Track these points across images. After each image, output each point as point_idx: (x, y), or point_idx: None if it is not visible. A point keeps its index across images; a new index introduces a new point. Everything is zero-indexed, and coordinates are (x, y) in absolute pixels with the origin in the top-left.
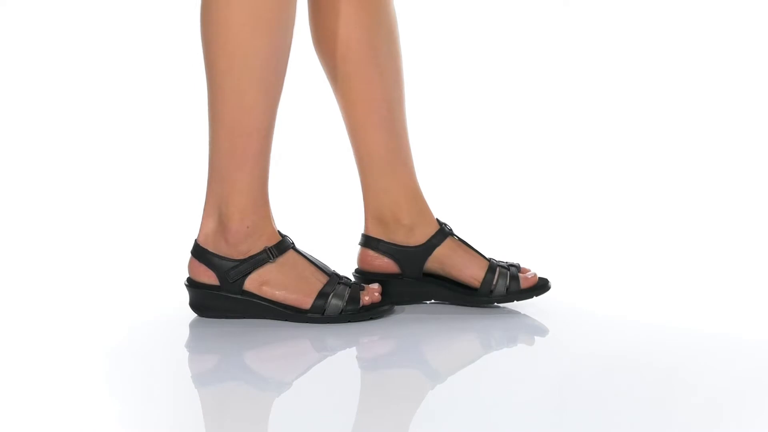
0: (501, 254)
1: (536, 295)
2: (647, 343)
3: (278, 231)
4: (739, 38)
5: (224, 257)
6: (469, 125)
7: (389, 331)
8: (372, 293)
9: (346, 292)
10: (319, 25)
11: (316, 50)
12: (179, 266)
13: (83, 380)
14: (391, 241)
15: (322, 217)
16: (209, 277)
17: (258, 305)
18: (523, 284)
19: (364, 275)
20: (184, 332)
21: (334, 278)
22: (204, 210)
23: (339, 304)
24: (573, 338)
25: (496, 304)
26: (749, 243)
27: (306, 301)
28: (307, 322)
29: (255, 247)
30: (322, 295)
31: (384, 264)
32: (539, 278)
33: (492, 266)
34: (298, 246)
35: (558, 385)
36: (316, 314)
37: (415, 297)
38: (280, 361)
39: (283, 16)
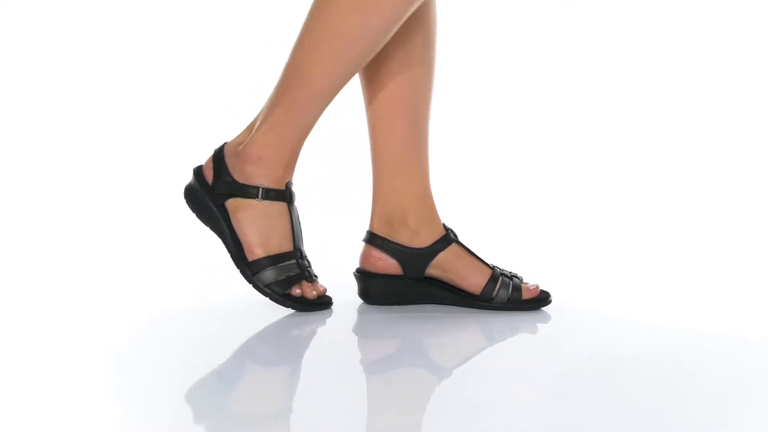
0: (501, 255)
1: (537, 308)
2: (647, 343)
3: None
4: (739, 38)
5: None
6: (468, 126)
7: (390, 330)
8: (315, 289)
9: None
10: None
11: None
12: (180, 265)
13: (88, 380)
14: (396, 241)
15: (322, 217)
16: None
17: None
18: (525, 295)
19: (366, 275)
20: (188, 331)
21: None
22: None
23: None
24: (573, 338)
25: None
26: (749, 243)
27: None
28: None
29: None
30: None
31: (386, 266)
32: (541, 291)
33: (494, 275)
34: None
35: (559, 385)
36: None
37: (415, 298)
38: (283, 366)
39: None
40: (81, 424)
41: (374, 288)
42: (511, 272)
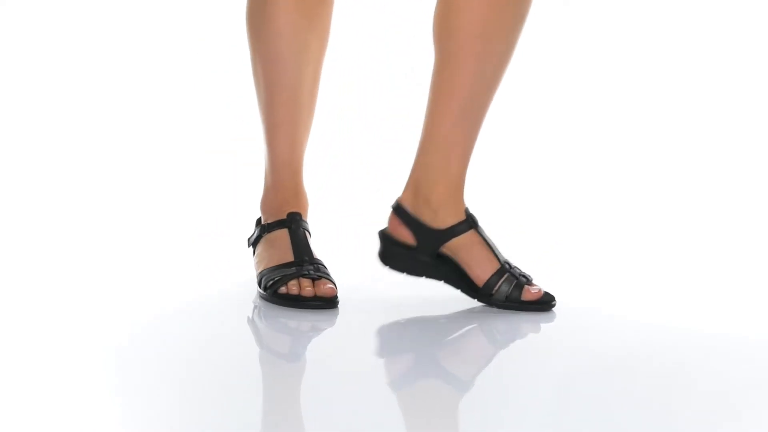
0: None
1: (537, 311)
2: (647, 343)
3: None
4: (739, 38)
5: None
6: None
7: (391, 331)
8: (315, 287)
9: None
10: (450, 2)
11: (435, 21)
12: (179, 264)
13: (89, 380)
14: (417, 216)
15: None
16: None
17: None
18: (524, 296)
19: (385, 239)
20: (189, 331)
21: None
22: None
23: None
24: (573, 338)
25: (496, 308)
26: (749, 243)
27: None
28: None
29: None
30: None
31: (403, 235)
32: (544, 293)
33: (501, 270)
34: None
35: (558, 385)
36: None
37: (426, 270)
38: (284, 366)
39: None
40: (81, 424)
41: (390, 252)
42: (522, 272)
